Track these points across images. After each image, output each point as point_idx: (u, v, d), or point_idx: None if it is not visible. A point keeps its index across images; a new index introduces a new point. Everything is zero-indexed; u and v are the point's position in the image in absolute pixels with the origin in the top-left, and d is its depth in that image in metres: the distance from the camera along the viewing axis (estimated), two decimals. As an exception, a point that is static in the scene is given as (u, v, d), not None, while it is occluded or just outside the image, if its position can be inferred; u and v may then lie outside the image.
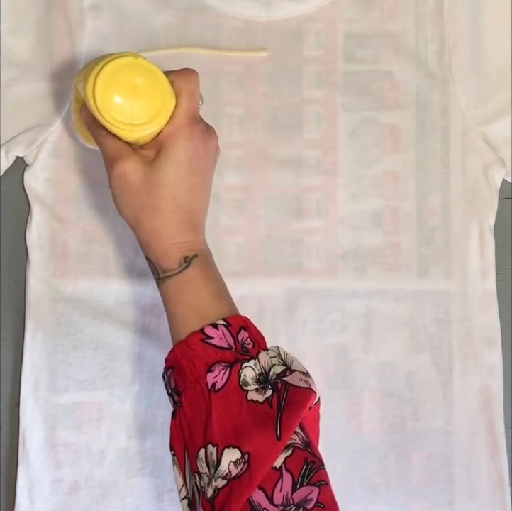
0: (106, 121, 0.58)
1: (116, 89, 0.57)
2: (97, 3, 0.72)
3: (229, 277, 0.71)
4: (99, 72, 0.57)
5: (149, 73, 0.58)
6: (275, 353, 0.58)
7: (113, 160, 0.59)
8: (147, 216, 0.59)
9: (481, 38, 0.72)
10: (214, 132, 0.62)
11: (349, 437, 0.71)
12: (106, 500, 0.70)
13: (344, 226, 0.72)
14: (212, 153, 0.61)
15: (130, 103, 0.58)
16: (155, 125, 0.58)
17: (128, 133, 0.58)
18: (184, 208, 0.59)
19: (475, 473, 0.71)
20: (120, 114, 0.58)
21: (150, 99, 0.58)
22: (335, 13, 0.73)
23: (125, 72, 0.57)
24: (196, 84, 0.61)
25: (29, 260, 0.72)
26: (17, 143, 0.71)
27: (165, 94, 0.58)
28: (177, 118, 0.59)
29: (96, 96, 0.57)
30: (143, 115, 0.58)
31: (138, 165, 0.58)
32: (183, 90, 0.59)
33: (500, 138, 0.72)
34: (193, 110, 0.60)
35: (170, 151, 0.58)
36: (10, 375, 0.72)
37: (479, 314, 0.72)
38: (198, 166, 0.60)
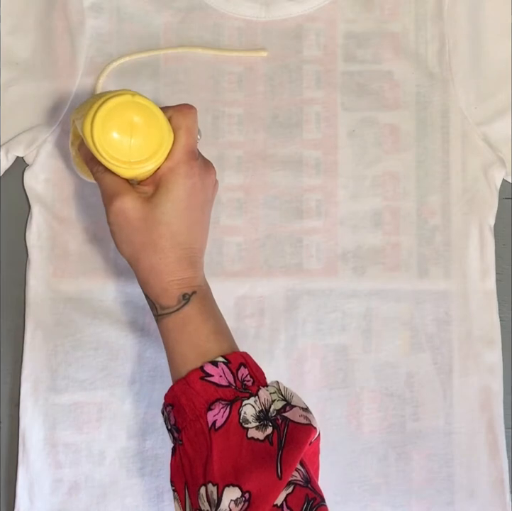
0: (105, 160, 0.58)
1: (114, 127, 0.57)
2: (97, 3, 0.72)
3: (229, 277, 0.71)
4: (97, 111, 0.57)
5: (146, 110, 0.58)
6: (275, 388, 0.58)
7: (111, 197, 0.59)
8: (146, 253, 0.59)
9: (481, 38, 0.72)
10: (212, 166, 0.62)
11: (349, 437, 0.71)
12: (106, 500, 0.70)
13: (344, 226, 0.72)
14: (210, 188, 0.61)
15: (128, 141, 0.58)
16: (154, 163, 0.58)
17: (126, 171, 0.59)
18: (182, 244, 0.59)
19: (475, 473, 0.71)
20: (118, 152, 0.58)
21: (148, 137, 0.58)
22: (335, 13, 0.73)
23: (122, 111, 0.57)
24: (194, 119, 0.60)
25: (29, 260, 0.72)
26: (17, 143, 0.71)
27: (163, 131, 0.58)
28: (176, 154, 0.59)
29: (94, 135, 0.57)
30: (141, 153, 0.58)
31: (137, 202, 0.58)
32: (181, 126, 0.59)
33: (500, 137, 0.72)
34: (191, 146, 0.60)
35: (169, 187, 0.58)
36: (10, 375, 0.72)
37: (479, 314, 0.72)
38: (197, 202, 0.60)
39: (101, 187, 0.60)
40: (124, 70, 0.72)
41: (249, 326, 0.71)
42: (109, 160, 0.58)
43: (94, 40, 0.72)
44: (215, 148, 0.72)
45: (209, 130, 0.72)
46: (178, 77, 0.72)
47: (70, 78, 0.71)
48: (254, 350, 0.71)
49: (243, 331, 0.71)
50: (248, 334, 0.71)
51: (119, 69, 0.72)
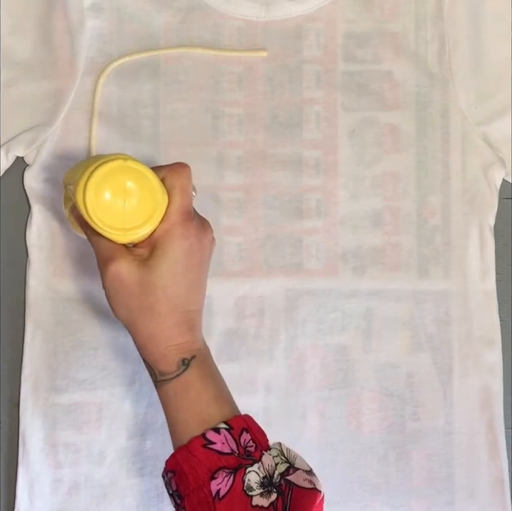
0: (98, 227, 0.57)
1: (107, 194, 0.56)
2: (97, 3, 0.72)
3: (229, 277, 0.71)
4: (89, 178, 0.56)
5: (139, 175, 0.57)
6: (277, 450, 0.57)
7: (106, 261, 0.58)
8: (144, 318, 0.58)
9: (481, 38, 0.72)
10: (209, 225, 0.61)
11: (349, 437, 0.71)
12: (106, 500, 0.70)
13: (344, 226, 0.72)
14: (207, 248, 0.60)
15: (122, 207, 0.57)
16: (148, 227, 0.58)
17: (121, 238, 0.58)
18: (180, 308, 0.58)
19: (475, 473, 0.71)
20: (112, 219, 0.57)
21: (142, 202, 0.57)
22: (335, 13, 0.73)
23: (115, 176, 0.57)
24: (188, 178, 0.60)
25: (29, 260, 0.72)
26: (17, 143, 0.71)
27: (157, 195, 0.57)
28: (171, 216, 0.58)
29: (87, 204, 0.56)
30: (136, 218, 0.57)
31: (132, 265, 0.57)
32: (175, 187, 0.58)
33: (500, 137, 0.72)
34: (186, 206, 0.59)
35: (165, 250, 0.57)
36: (10, 375, 0.72)
37: (479, 314, 0.72)
38: (194, 263, 0.59)
39: (96, 251, 0.59)
40: (124, 70, 0.72)
41: (249, 326, 0.71)
42: (103, 228, 0.57)
43: (94, 40, 0.72)
44: (215, 148, 0.72)
45: (209, 130, 0.72)
46: (178, 77, 0.72)
47: (70, 78, 0.71)
48: (254, 350, 0.71)
49: (243, 331, 0.71)
50: (248, 334, 0.71)
51: (119, 69, 0.72)
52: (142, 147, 0.72)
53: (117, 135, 0.72)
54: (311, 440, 0.71)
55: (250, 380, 0.71)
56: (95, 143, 0.71)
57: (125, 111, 0.72)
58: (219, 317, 0.71)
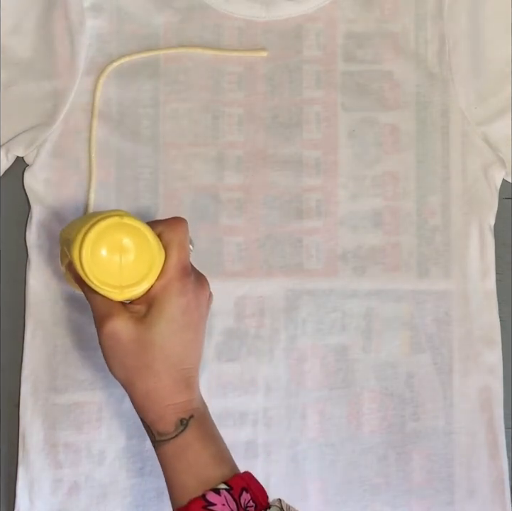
0: (95, 285, 0.57)
1: (104, 252, 0.56)
2: (97, 3, 0.72)
3: (229, 277, 0.71)
4: (85, 236, 0.56)
5: (136, 231, 0.57)
6: (277, 508, 0.57)
7: (102, 318, 0.57)
8: (141, 377, 0.57)
9: (481, 38, 0.72)
10: (206, 280, 0.61)
11: (349, 437, 0.71)
12: (106, 500, 0.70)
13: (345, 226, 0.72)
14: (204, 305, 0.60)
15: (119, 265, 0.57)
16: (145, 285, 0.57)
17: (117, 295, 0.57)
18: (177, 366, 0.58)
19: (475, 473, 0.71)
20: (108, 278, 0.56)
21: (139, 259, 0.57)
22: (335, 13, 0.73)
23: (111, 234, 0.56)
24: (185, 233, 0.59)
25: (29, 260, 0.72)
26: (17, 143, 0.71)
27: (154, 252, 0.57)
28: (168, 272, 0.58)
29: (83, 262, 0.56)
30: (132, 276, 0.57)
31: (129, 323, 0.57)
32: (172, 242, 0.58)
33: (500, 137, 0.72)
34: (183, 262, 0.58)
35: (162, 307, 0.57)
36: (10, 375, 0.72)
37: (479, 314, 0.72)
38: (191, 320, 0.58)
39: (92, 308, 0.59)
40: (124, 70, 0.72)
41: (249, 326, 0.71)
42: (99, 286, 0.57)
43: (94, 40, 0.72)
44: (215, 148, 0.72)
45: (209, 130, 0.72)
46: (178, 77, 0.72)
47: (70, 78, 0.71)
48: (254, 350, 0.71)
49: (243, 331, 0.71)
50: (248, 334, 0.71)
51: (119, 69, 0.72)
52: (142, 147, 0.72)
53: (117, 135, 0.72)
54: (311, 440, 0.71)
55: (250, 380, 0.71)
56: (95, 143, 0.71)
57: (125, 111, 0.72)
58: (219, 317, 0.71)
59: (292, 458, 0.71)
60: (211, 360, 0.71)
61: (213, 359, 0.71)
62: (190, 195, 0.72)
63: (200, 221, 0.72)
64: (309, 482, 0.71)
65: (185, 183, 0.72)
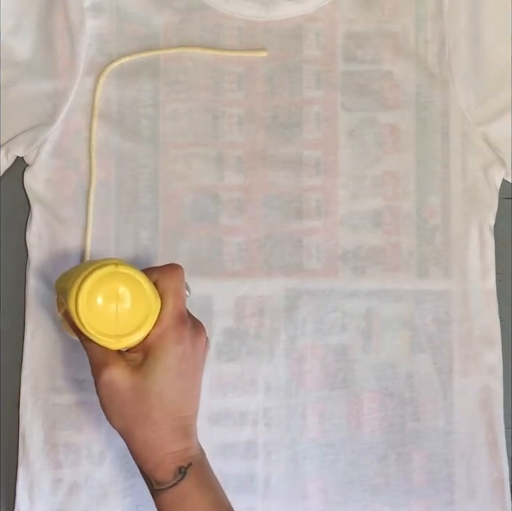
0: (91, 335, 0.57)
1: (99, 301, 0.56)
2: (97, 3, 0.72)
3: (229, 277, 0.71)
4: (81, 286, 0.56)
5: (131, 280, 0.57)
6: None
7: (99, 367, 0.57)
8: (139, 425, 0.57)
9: (481, 38, 0.72)
10: (202, 327, 0.61)
11: (349, 437, 0.71)
12: (106, 500, 0.70)
13: (345, 226, 0.72)
14: (201, 352, 0.60)
15: (115, 313, 0.57)
16: (142, 333, 0.57)
17: (114, 345, 0.58)
18: (175, 414, 0.58)
19: (475, 472, 0.71)
20: (104, 327, 0.57)
21: (135, 307, 0.57)
22: (335, 13, 0.73)
23: (107, 283, 0.57)
24: (181, 280, 0.59)
25: (29, 260, 0.72)
26: (17, 143, 0.71)
27: (150, 300, 0.57)
28: (164, 319, 0.58)
29: (79, 311, 0.56)
30: (129, 324, 0.57)
31: (125, 371, 0.57)
32: (168, 289, 0.58)
33: (500, 138, 0.72)
34: (179, 309, 0.59)
35: (159, 355, 0.57)
36: (10, 375, 0.72)
37: (479, 314, 0.72)
38: (188, 368, 0.59)
39: (89, 357, 0.59)
40: (124, 70, 0.72)
41: (249, 326, 0.71)
42: (96, 335, 0.57)
43: (94, 40, 0.72)
44: (215, 148, 0.72)
45: (209, 130, 0.72)
46: (178, 77, 0.72)
47: (70, 78, 0.71)
48: (254, 350, 0.71)
49: (243, 331, 0.71)
50: (248, 334, 0.71)
51: (119, 69, 0.72)
52: (142, 147, 0.72)
53: (117, 135, 0.72)
54: (311, 440, 0.71)
55: (250, 380, 0.71)
56: (95, 143, 0.71)
57: (125, 111, 0.72)
58: (219, 317, 0.71)
59: (292, 458, 0.71)
60: (211, 360, 0.71)
61: (213, 359, 0.71)
62: (190, 195, 0.72)
63: (200, 221, 0.72)
64: (309, 482, 0.71)
65: (185, 183, 0.72)
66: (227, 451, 0.70)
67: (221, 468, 0.69)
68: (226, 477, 0.70)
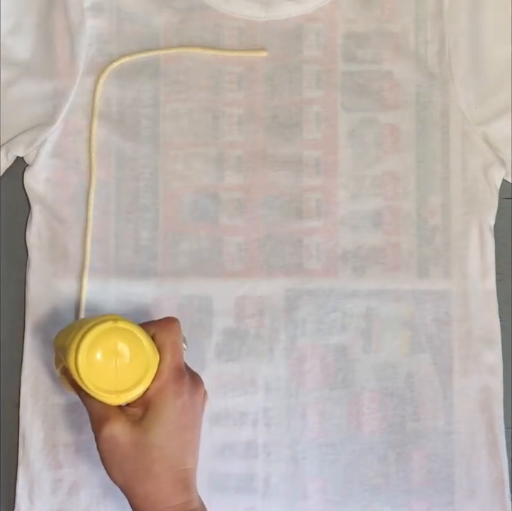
0: (91, 391, 0.57)
1: (99, 357, 0.57)
2: (97, 3, 0.72)
3: (229, 277, 0.71)
4: (80, 342, 0.56)
5: (130, 335, 0.58)
6: None
7: (99, 423, 0.58)
8: (139, 480, 0.58)
9: (481, 38, 0.72)
10: (200, 380, 0.61)
11: (349, 437, 0.71)
12: (106, 500, 0.70)
13: (345, 226, 0.72)
14: (200, 405, 0.61)
15: (114, 370, 0.57)
16: (141, 388, 0.58)
17: (113, 400, 0.58)
18: (175, 467, 0.58)
19: (475, 473, 0.71)
20: (104, 383, 0.57)
21: (134, 362, 0.58)
22: (335, 13, 0.73)
23: (106, 339, 0.57)
24: (178, 334, 0.60)
25: (29, 260, 0.72)
26: (17, 143, 0.71)
27: (149, 355, 0.58)
28: (163, 373, 0.58)
29: (79, 368, 0.57)
30: (128, 380, 0.58)
31: (126, 426, 0.58)
32: (165, 343, 0.59)
33: (500, 137, 0.72)
34: (177, 363, 0.59)
35: (158, 409, 0.58)
36: (10, 375, 0.72)
37: (479, 314, 0.72)
38: (187, 421, 0.59)
39: (89, 412, 0.59)
40: (124, 70, 0.72)
41: (249, 326, 0.71)
42: (96, 391, 0.57)
43: (94, 40, 0.72)
44: (215, 148, 0.72)
45: (209, 130, 0.72)
46: (178, 77, 0.72)
47: (70, 78, 0.71)
48: (254, 350, 0.71)
49: (243, 331, 0.71)
50: (248, 334, 0.71)
51: (119, 69, 0.72)
52: (142, 147, 0.72)
53: (117, 135, 0.72)
54: (311, 440, 0.71)
55: (250, 380, 0.71)
56: (95, 143, 0.71)
57: (125, 111, 0.72)
58: (219, 317, 0.71)
59: (292, 458, 0.71)
60: (211, 360, 0.71)
61: (213, 359, 0.71)
62: (190, 195, 0.72)
63: (200, 221, 0.72)
64: (309, 482, 0.71)
65: (185, 183, 0.72)
66: (227, 451, 0.70)
67: (221, 468, 0.69)
68: (226, 477, 0.70)
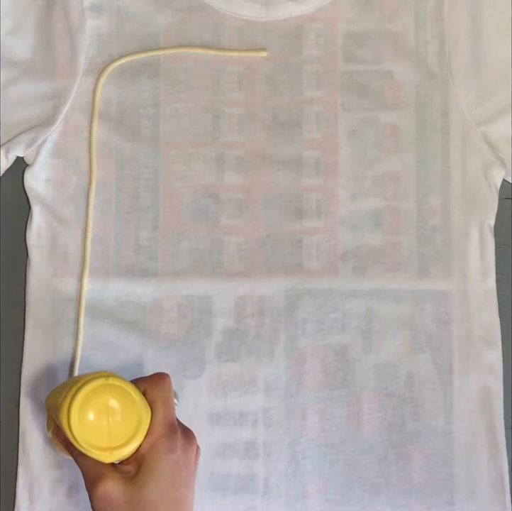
0: (84, 449, 0.57)
1: (91, 414, 0.57)
2: (97, 3, 0.72)
3: (229, 277, 0.71)
4: (72, 400, 0.57)
5: (121, 392, 0.58)
6: None
7: (93, 481, 0.58)
8: None
9: (481, 38, 0.72)
10: (193, 435, 0.61)
11: (349, 437, 0.71)
12: (106, 500, 0.70)
13: (345, 226, 0.72)
14: (193, 460, 0.61)
15: (106, 426, 0.57)
16: (134, 444, 0.58)
17: (106, 457, 0.58)
18: None
19: (475, 473, 0.71)
20: (97, 440, 0.57)
21: (126, 419, 0.58)
22: (335, 13, 0.73)
23: (97, 396, 0.57)
24: (169, 389, 0.60)
25: (29, 260, 0.72)
26: (17, 143, 0.71)
27: (140, 410, 0.58)
28: (155, 429, 0.59)
29: (72, 426, 0.57)
30: (120, 436, 0.58)
31: (119, 484, 0.57)
32: (157, 399, 0.59)
33: (500, 138, 0.72)
34: (169, 418, 0.59)
35: (151, 465, 0.58)
36: (10, 375, 0.72)
37: (479, 314, 0.72)
38: (181, 477, 0.59)
39: (82, 471, 0.59)
40: (124, 70, 0.72)
41: (250, 326, 0.71)
42: (89, 449, 0.57)
43: (94, 40, 0.72)
44: (215, 148, 0.72)
45: (209, 130, 0.72)
46: (178, 77, 0.72)
47: (70, 78, 0.71)
48: (254, 350, 0.71)
49: (243, 331, 0.71)
50: (248, 334, 0.71)
51: (119, 69, 0.72)
52: (142, 147, 0.72)
53: (117, 135, 0.72)
54: (311, 440, 0.71)
55: (250, 380, 0.71)
56: (95, 143, 0.71)
57: (125, 111, 0.72)
58: (219, 317, 0.71)
59: (292, 458, 0.71)
60: (211, 360, 0.71)
61: (213, 359, 0.71)
62: (190, 195, 0.72)
63: (200, 221, 0.72)
64: (309, 482, 0.71)
65: (185, 183, 0.72)
66: (227, 451, 0.70)
67: (221, 468, 0.69)
68: (226, 477, 0.70)
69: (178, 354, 0.71)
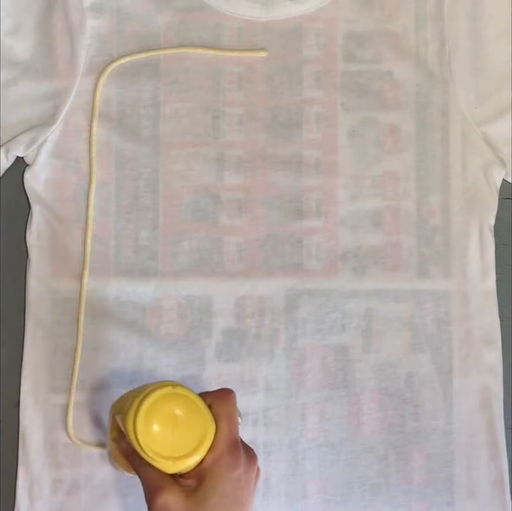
0: (148, 457, 0.56)
1: (157, 422, 0.56)
2: (97, 3, 0.72)
3: (229, 277, 0.71)
4: (139, 407, 0.56)
5: (188, 401, 0.57)
6: None
7: (153, 492, 0.57)
8: None
9: (481, 38, 0.72)
10: (255, 455, 0.60)
11: (349, 437, 0.71)
12: (107, 499, 0.70)
13: (345, 226, 0.72)
14: (253, 479, 0.59)
15: (171, 435, 0.57)
16: (197, 456, 0.57)
17: (170, 467, 0.57)
18: None
19: (475, 473, 0.71)
20: (161, 448, 0.56)
21: (191, 429, 0.57)
22: (335, 13, 0.73)
23: (164, 404, 0.57)
24: (234, 406, 0.59)
25: (29, 260, 0.72)
26: (17, 143, 0.71)
27: (206, 422, 0.57)
28: (219, 444, 0.57)
29: (138, 432, 0.56)
30: (185, 446, 0.57)
31: (180, 496, 0.56)
32: (222, 414, 0.58)
33: (500, 137, 0.72)
34: (234, 435, 0.58)
35: (214, 481, 0.56)
36: (10, 374, 0.72)
37: (479, 314, 0.72)
38: (242, 496, 0.58)
39: (143, 481, 0.58)
40: (124, 70, 0.72)
41: (250, 326, 0.71)
42: (153, 457, 0.56)
43: (94, 40, 0.72)
44: (215, 148, 0.72)
45: (209, 130, 0.72)
46: (178, 77, 0.72)
47: (70, 78, 0.71)
48: (254, 350, 0.71)
49: (243, 331, 0.71)
50: (248, 334, 0.71)
51: (119, 69, 0.72)
52: (142, 147, 0.72)
53: (117, 135, 0.72)
54: (311, 440, 0.71)
55: (250, 380, 0.71)
56: (95, 143, 0.71)
57: (125, 111, 0.72)
58: (219, 317, 0.71)
59: (292, 458, 0.71)
60: (211, 360, 0.71)
61: (213, 359, 0.71)
62: (190, 195, 0.72)
63: (200, 221, 0.72)
64: (309, 482, 0.71)
65: (185, 183, 0.72)
66: (228, 451, 0.70)
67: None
68: (226, 477, 0.70)
69: (178, 354, 0.71)
